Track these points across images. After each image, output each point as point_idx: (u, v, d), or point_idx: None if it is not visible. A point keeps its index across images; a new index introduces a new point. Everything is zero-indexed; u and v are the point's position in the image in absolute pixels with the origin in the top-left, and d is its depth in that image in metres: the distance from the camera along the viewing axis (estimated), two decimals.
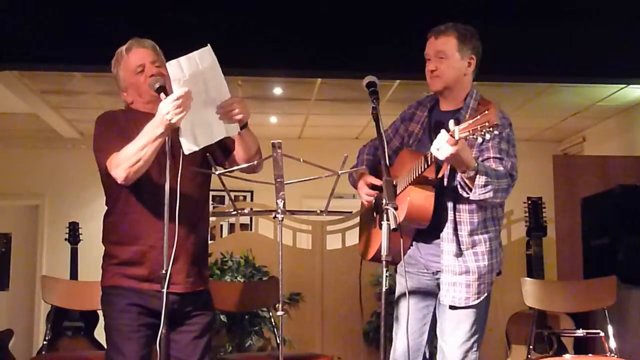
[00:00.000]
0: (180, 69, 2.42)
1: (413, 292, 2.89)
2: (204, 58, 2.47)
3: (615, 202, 4.97)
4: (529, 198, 5.21)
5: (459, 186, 2.69)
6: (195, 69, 2.45)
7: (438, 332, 2.90)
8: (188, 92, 2.41)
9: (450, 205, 2.78)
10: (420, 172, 2.67)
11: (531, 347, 4.31)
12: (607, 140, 7.67)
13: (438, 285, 2.87)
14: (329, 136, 8.18)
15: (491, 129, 2.35)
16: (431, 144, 2.60)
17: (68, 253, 5.91)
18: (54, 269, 6.79)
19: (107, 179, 2.63)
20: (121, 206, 2.66)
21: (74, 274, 5.78)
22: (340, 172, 2.72)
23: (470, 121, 2.41)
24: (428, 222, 2.74)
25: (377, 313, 5.41)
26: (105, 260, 2.72)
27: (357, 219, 6.15)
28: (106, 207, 2.74)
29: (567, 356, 4.40)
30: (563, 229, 5.61)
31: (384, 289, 2.36)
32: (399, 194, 2.80)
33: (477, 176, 2.57)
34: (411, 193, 2.72)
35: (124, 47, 2.72)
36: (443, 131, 2.48)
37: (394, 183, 2.73)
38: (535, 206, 5.16)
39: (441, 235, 2.80)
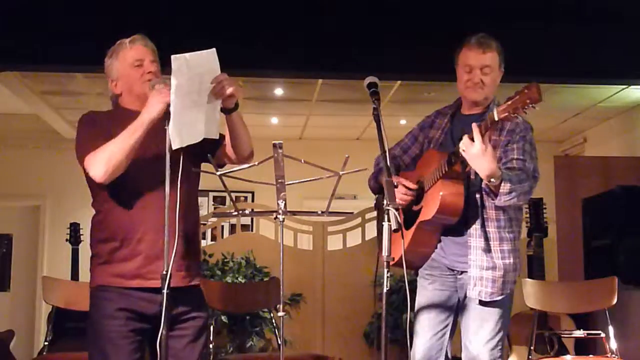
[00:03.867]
0: (184, 64, 2.43)
1: (436, 293, 2.93)
2: (208, 60, 2.48)
3: (616, 202, 4.97)
4: (530, 199, 5.21)
5: (484, 193, 2.77)
6: (197, 68, 2.46)
7: (462, 331, 2.93)
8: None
9: (477, 202, 2.83)
10: (447, 169, 2.73)
11: (532, 347, 4.31)
12: (608, 141, 7.66)
13: (461, 286, 2.90)
14: (330, 137, 8.18)
15: (534, 105, 2.45)
16: (454, 146, 2.70)
17: (69, 254, 5.92)
18: (55, 270, 6.78)
19: (91, 180, 2.62)
20: (106, 203, 2.63)
21: (75, 275, 5.78)
22: (341, 172, 2.72)
23: (510, 102, 2.49)
24: (458, 217, 2.80)
25: (378, 314, 5.41)
26: (92, 261, 2.66)
27: (359, 220, 6.22)
28: (93, 210, 2.70)
29: (568, 357, 4.39)
30: (564, 229, 5.61)
31: (385, 290, 2.36)
32: (429, 189, 2.84)
33: (502, 183, 2.64)
34: (443, 188, 2.75)
35: (127, 40, 2.71)
36: (465, 137, 2.56)
37: (420, 181, 2.88)
38: (536, 207, 5.15)
39: (469, 231, 2.84)
